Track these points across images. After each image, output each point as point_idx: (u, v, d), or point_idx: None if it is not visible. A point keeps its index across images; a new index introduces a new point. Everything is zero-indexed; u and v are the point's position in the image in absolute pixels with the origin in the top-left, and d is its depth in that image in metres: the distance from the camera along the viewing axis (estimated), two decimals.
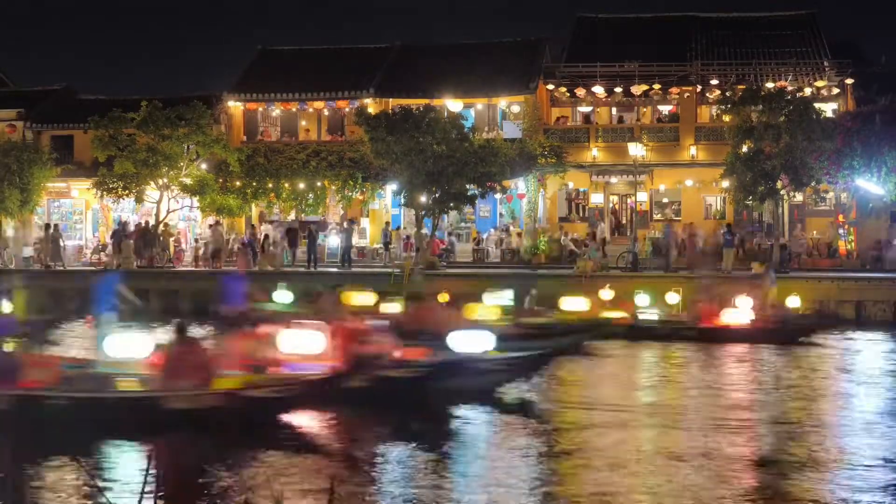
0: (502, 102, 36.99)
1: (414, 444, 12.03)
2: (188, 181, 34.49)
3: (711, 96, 35.59)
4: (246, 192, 36.15)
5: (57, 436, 11.21)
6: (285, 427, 12.29)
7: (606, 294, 23.73)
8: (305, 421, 12.84)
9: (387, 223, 34.76)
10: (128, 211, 37.20)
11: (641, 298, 23.70)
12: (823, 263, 31.28)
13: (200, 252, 34.22)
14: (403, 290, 26.19)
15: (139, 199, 34.70)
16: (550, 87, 36.65)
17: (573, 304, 21.76)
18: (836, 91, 34.91)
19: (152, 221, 34.48)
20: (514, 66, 36.85)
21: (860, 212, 33.07)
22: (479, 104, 36.70)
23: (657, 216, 36.70)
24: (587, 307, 21.64)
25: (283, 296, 23.15)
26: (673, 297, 23.66)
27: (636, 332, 21.41)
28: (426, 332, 15.78)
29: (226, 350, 13.49)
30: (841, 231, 32.75)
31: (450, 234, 36.03)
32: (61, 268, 32.33)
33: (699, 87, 35.62)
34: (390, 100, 35.90)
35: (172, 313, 25.98)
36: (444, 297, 23.74)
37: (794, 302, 23.63)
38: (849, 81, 34.51)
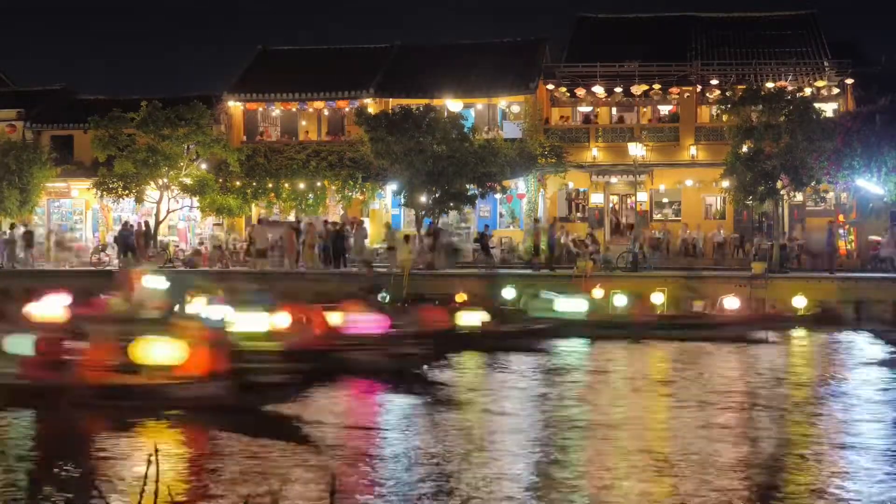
0: (502, 102, 36.97)
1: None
2: (188, 181, 34.49)
3: (711, 96, 35.56)
4: (246, 192, 36.14)
5: None
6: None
7: (598, 293, 24.02)
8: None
9: (387, 224, 34.55)
10: (128, 211, 37.16)
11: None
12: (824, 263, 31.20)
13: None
14: (404, 290, 26.24)
15: (139, 199, 34.69)
16: (550, 87, 36.63)
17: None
18: (836, 91, 34.89)
19: (152, 221, 34.49)
20: (514, 66, 36.84)
21: (860, 212, 33.04)
22: (479, 104, 36.69)
23: (657, 216, 36.68)
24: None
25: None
26: (658, 297, 23.90)
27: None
28: None
29: None
30: (841, 231, 32.70)
31: (450, 234, 35.94)
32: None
33: (699, 87, 35.60)
34: (390, 100, 35.89)
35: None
36: (461, 297, 23.80)
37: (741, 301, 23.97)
38: (849, 81, 34.49)
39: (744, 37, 37.48)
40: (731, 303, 23.50)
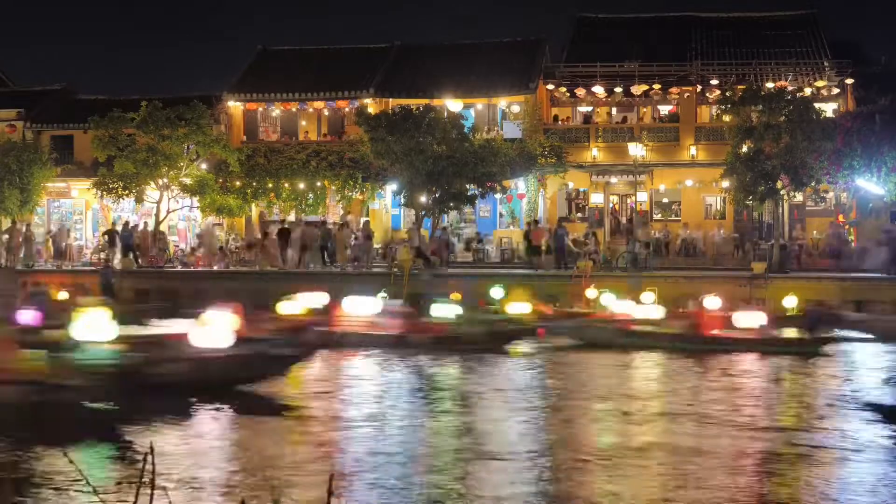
0: (502, 102, 36.98)
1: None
2: (188, 181, 34.50)
3: (711, 96, 35.55)
4: (246, 192, 36.16)
5: None
6: None
7: (593, 294, 24.05)
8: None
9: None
10: (128, 211, 37.17)
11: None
12: (824, 263, 31.16)
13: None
14: (404, 290, 26.24)
15: (139, 199, 34.71)
16: (550, 87, 36.64)
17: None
18: (836, 91, 34.88)
19: (152, 221, 34.50)
20: (513, 66, 36.84)
21: (860, 212, 33.03)
22: (479, 104, 36.70)
23: (657, 216, 36.68)
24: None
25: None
26: (648, 297, 23.70)
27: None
28: None
29: None
30: (841, 231, 32.65)
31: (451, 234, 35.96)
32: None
33: (699, 87, 35.60)
34: (390, 100, 35.90)
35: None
36: (456, 297, 23.76)
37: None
38: (849, 81, 34.49)
39: (744, 37, 37.49)
40: (712, 302, 22.78)
